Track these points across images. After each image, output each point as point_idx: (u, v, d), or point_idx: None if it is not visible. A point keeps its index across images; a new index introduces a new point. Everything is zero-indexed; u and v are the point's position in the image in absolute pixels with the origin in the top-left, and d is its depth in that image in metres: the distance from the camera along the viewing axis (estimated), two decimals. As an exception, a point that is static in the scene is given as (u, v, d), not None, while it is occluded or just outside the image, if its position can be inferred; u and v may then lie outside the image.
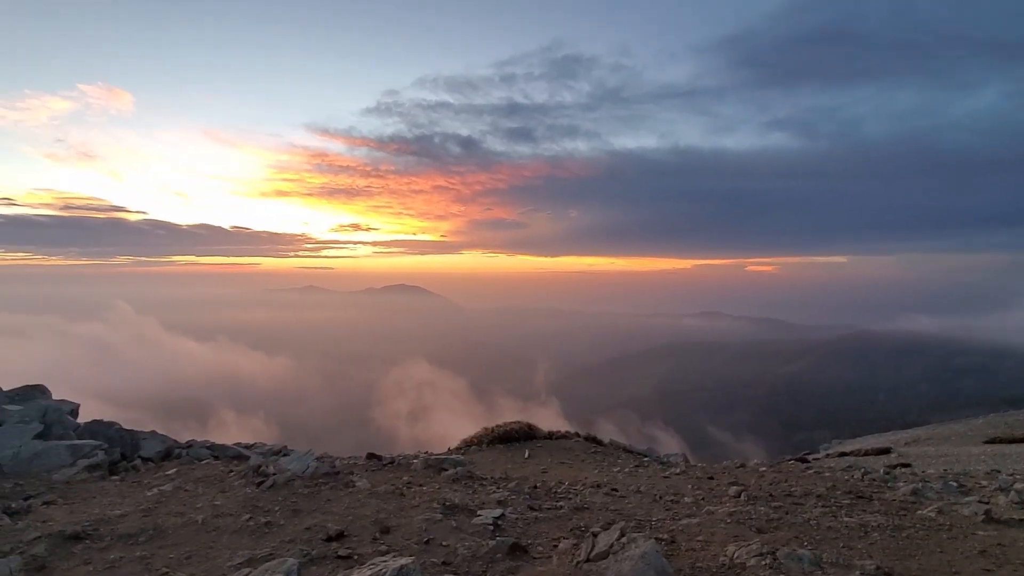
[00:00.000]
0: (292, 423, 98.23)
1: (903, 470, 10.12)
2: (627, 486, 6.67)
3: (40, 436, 6.34)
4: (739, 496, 5.89)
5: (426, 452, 11.02)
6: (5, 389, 10.85)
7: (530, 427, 11.62)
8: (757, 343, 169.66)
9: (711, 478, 7.75)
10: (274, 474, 4.96)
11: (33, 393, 11.18)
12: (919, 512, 5.47)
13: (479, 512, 4.52)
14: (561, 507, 5.10)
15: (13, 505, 4.08)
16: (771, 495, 6.21)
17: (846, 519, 5.23)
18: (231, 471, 6.21)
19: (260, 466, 5.03)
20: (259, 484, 4.72)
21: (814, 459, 15.00)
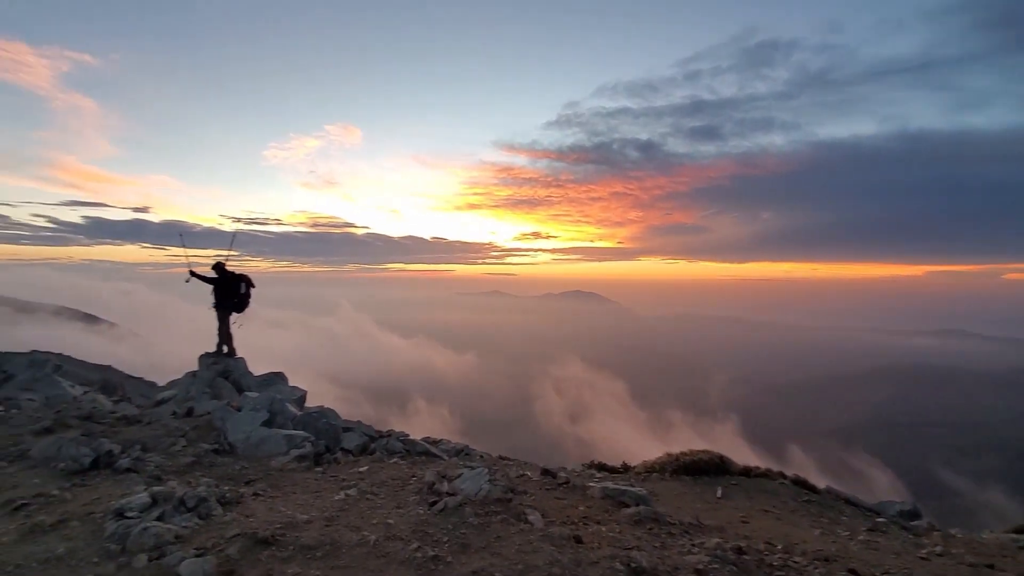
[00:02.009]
0: (473, 416, 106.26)
1: None
2: (871, 567, 5.04)
3: (266, 424, 7.25)
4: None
5: (600, 470, 10.22)
6: (256, 374, 13.05)
7: (722, 459, 9.97)
8: (1018, 371, 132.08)
9: (991, 567, 5.56)
10: (447, 494, 4.75)
11: (274, 379, 13.23)
12: None
13: (674, 586, 3.65)
14: (784, 594, 3.92)
15: (228, 495, 4.47)
16: None
17: None
18: (412, 476, 6.28)
19: (434, 483, 4.87)
20: (432, 504, 4.52)
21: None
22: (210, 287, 11.54)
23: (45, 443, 5.74)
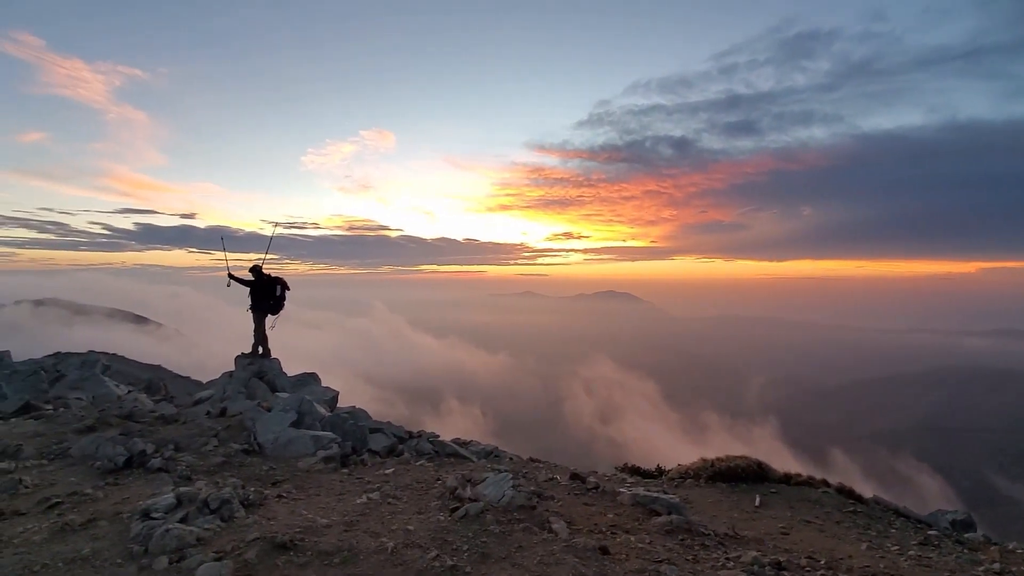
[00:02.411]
0: (506, 416, 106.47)
1: None
2: (924, 588, 4.69)
3: (295, 424, 7.32)
4: None
5: (633, 473, 9.96)
6: (292, 374, 13.26)
7: (760, 466, 9.53)
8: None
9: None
10: (470, 500, 4.64)
11: (308, 379, 13.41)
12: None
13: (707, 605, 3.43)
14: (828, 618, 3.65)
15: (251, 496, 4.48)
16: None
17: None
18: (437, 480, 6.21)
19: (456, 488, 4.76)
20: (453, 511, 4.42)
21: None
22: (247, 289, 11.81)
23: (85, 441, 5.92)
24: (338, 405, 13.42)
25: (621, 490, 7.38)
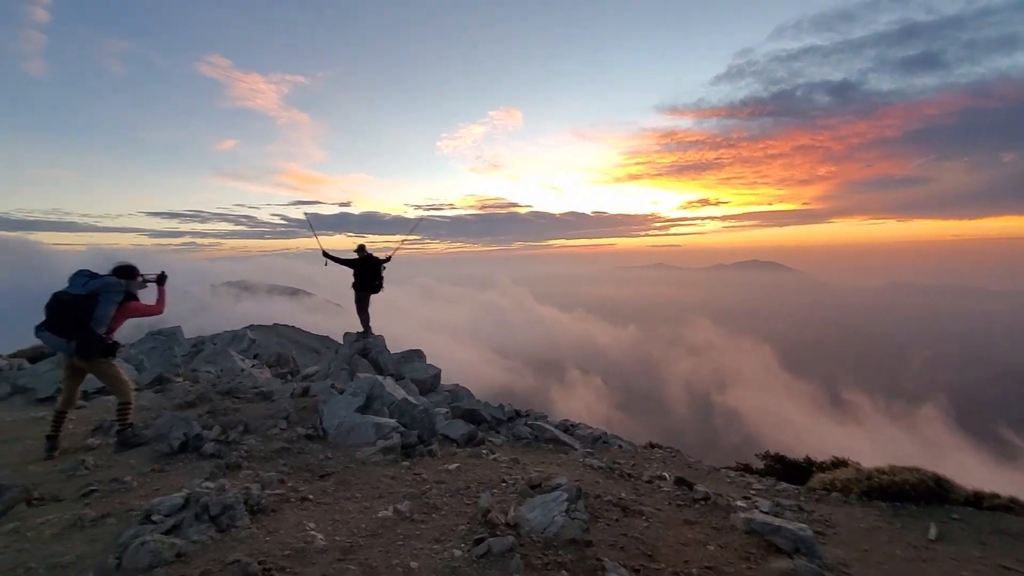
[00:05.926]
0: (631, 390, 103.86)
1: None
2: None
3: (361, 409, 6.95)
4: None
5: (777, 463, 8.27)
6: (399, 351, 13.32)
7: (939, 482, 7.11)
8: None
9: None
10: (504, 526, 3.68)
11: (412, 356, 13.36)
12: None
13: None
14: None
15: (264, 501, 3.99)
16: None
17: None
18: (503, 481, 5.40)
19: (489, 512, 3.81)
20: (477, 542, 3.49)
21: None
22: (351, 270, 11.98)
23: (161, 421, 6.07)
24: (441, 383, 13.27)
25: (739, 504, 5.86)
